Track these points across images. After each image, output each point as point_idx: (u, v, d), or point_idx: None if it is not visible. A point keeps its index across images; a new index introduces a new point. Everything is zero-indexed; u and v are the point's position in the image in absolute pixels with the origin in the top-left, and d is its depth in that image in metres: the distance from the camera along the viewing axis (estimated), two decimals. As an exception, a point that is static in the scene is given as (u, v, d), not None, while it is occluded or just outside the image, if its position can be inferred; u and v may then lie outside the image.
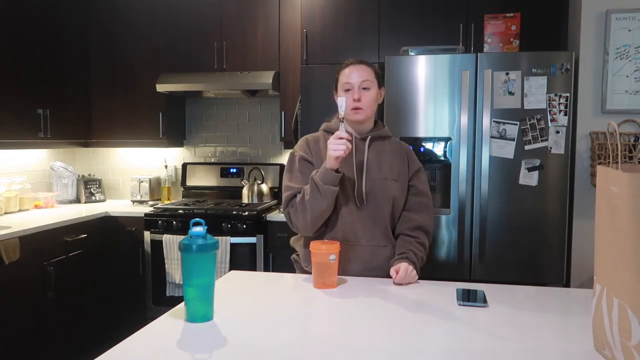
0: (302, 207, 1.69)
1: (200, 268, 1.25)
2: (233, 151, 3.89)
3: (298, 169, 1.79)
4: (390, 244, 1.78)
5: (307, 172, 1.75)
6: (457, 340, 1.18)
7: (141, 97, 3.60)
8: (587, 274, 2.62)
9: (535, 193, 2.61)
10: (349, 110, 1.74)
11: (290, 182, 1.79)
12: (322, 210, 1.68)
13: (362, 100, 1.74)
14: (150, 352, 1.10)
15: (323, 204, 1.66)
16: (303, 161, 1.79)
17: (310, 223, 1.71)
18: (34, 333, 2.74)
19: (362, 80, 1.74)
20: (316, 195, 1.65)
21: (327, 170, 1.64)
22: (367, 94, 1.75)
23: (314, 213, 1.68)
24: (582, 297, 1.53)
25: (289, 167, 1.82)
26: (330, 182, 1.64)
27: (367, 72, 1.77)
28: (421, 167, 1.87)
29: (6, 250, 2.50)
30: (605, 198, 1.02)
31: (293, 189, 1.76)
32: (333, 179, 1.63)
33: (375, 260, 1.76)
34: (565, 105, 2.56)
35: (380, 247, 1.77)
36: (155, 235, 3.24)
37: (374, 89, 1.77)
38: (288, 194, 1.77)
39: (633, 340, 0.94)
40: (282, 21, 3.41)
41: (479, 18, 2.91)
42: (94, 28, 3.65)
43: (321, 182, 1.64)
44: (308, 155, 1.80)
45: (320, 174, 1.65)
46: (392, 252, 1.77)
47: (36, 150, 3.64)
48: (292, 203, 1.75)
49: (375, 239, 1.76)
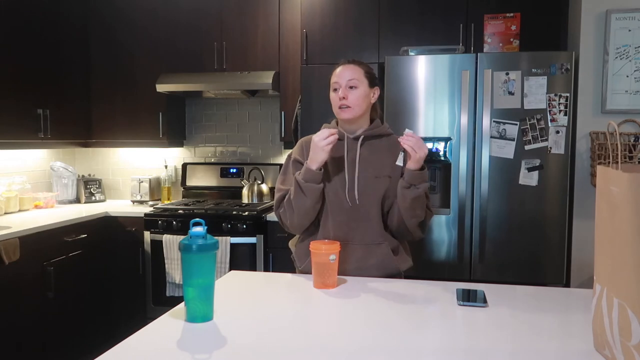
0: (289, 206, 1.75)
1: (200, 268, 1.25)
2: (233, 151, 3.89)
3: (291, 171, 1.82)
4: (386, 241, 1.78)
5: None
6: (457, 340, 1.18)
7: (141, 97, 3.60)
8: (587, 274, 2.62)
9: (535, 193, 2.61)
10: (336, 109, 1.77)
11: (282, 184, 1.83)
12: (307, 207, 1.72)
13: (348, 99, 1.74)
14: (150, 352, 1.10)
15: (306, 201, 1.70)
16: (297, 164, 1.82)
17: (297, 221, 1.76)
18: (34, 333, 2.74)
19: (348, 79, 1.75)
20: (299, 194, 1.70)
21: (307, 168, 1.69)
22: (353, 93, 1.75)
23: (299, 211, 1.73)
24: (582, 297, 1.53)
25: (283, 169, 1.87)
26: (311, 179, 1.68)
27: (355, 71, 1.77)
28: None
29: (6, 250, 2.50)
30: (605, 198, 1.02)
31: (284, 190, 1.80)
32: (313, 176, 1.68)
33: (369, 259, 1.76)
34: (565, 105, 2.56)
35: (374, 245, 1.77)
36: (155, 235, 3.24)
37: (362, 88, 1.77)
38: (278, 195, 1.82)
39: (633, 340, 0.94)
40: (282, 21, 3.41)
41: (478, 18, 2.91)
42: (94, 28, 3.66)
43: (302, 180, 1.69)
44: (302, 159, 1.82)
45: (302, 172, 1.71)
46: (388, 248, 1.77)
47: (36, 150, 3.64)
48: (282, 204, 1.79)
49: (369, 238, 1.77)
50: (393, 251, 1.78)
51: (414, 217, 1.73)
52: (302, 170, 1.71)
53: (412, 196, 1.68)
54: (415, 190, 1.68)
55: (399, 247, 1.82)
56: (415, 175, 1.67)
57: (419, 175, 1.68)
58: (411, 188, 1.68)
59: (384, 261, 1.76)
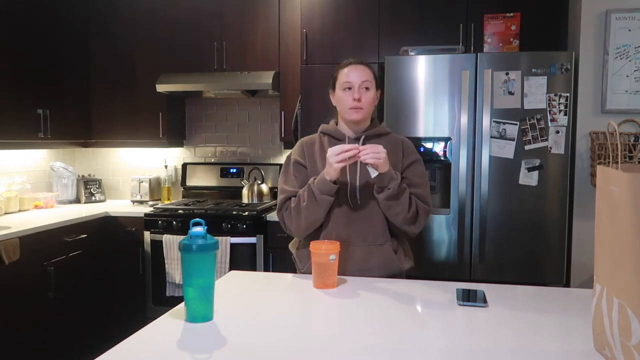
0: (297, 212, 1.73)
1: (200, 268, 1.25)
2: (233, 151, 3.89)
3: (292, 172, 1.82)
4: (388, 241, 1.78)
5: (300, 176, 1.80)
6: (457, 340, 1.18)
7: (141, 97, 3.60)
8: (587, 274, 2.62)
9: (535, 193, 2.61)
10: (347, 110, 1.76)
11: (285, 184, 1.82)
12: (317, 218, 1.73)
13: (362, 100, 1.74)
14: (150, 352, 1.10)
15: (319, 213, 1.71)
16: (297, 165, 1.82)
17: (304, 228, 1.76)
18: (34, 333, 2.74)
19: (362, 80, 1.75)
20: (312, 203, 1.69)
21: (325, 180, 1.66)
22: (367, 94, 1.76)
23: (309, 220, 1.73)
24: (582, 297, 1.53)
25: (284, 169, 1.86)
26: (327, 192, 1.67)
27: (367, 73, 1.78)
28: (418, 159, 1.85)
29: (6, 250, 2.50)
30: (605, 198, 1.02)
31: (287, 192, 1.79)
32: (330, 189, 1.67)
33: (371, 260, 1.76)
34: (565, 105, 2.56)
35: (376, 247, 1.77)
36: (155, 235, 3.24)
37: (373, 90, 1.79)
38: (282, 197, 1.80)
39: (633, 340, 0.94)
40: (282, 21, 3.41)
41: (478, 18, 2.91)
42: (94, 28, 3.65)
43: (318, 191, 1.67)
44: (302, 159, 1.82)
45: (318, 183, 1.68)
46: (390, 249, 1.77)
47: (36, 150, 3.64)
48: (286, 206, 1.78)
49: (371, 239, 1.77)
50: (395, 251, 1.78)
51: (397, 214, 1.72)
52: (318, 180, 1.69)
53: (385, 197, 1.68)
54: (387, 192, 1.68)
55: (400, 248, 1.82)
56: (382, 177, 1.66)
57: (386, 176, 1.66)
58: (384, 190, 1.68)
59: (386, 261, 1.76)
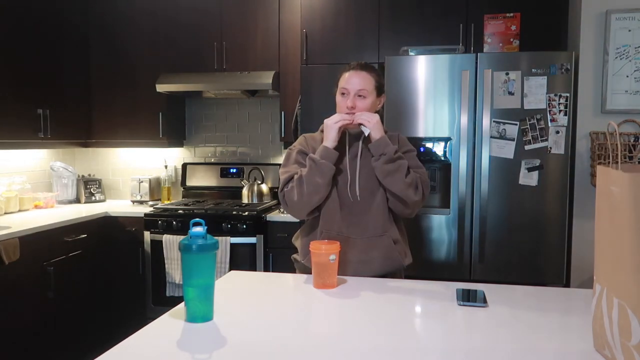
0: (299, 182, 1.74)
1: (200, 268, 1.25)
2: (233, 151, 3.89)
3: (295, 159, 1.83)
4: (387, 233, 1.79)
5: (303, 162, 1.80)
6: (457, 340, 1.18)
7: (141, 97, 3.60)
8: (587, 274, 2.62)
9: (535, 193, 2.61)
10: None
11: (286, 168, 1.83)
12: (318, 185, 1.71)
13: (355, 109, 1.76)
14: (150, 352, 1.10)
15: (319, 178, 1.71)
16: (300, 153, 1.83)
17: (306, 198, 1.73)
18: (34, 333, 2.74)
19: (358, 89, 1.76)
20: (313, 170, 1.71)
21: (324, 147, 1.72)
22: (362, 102, 1.77)
23: (310, 187, 1.71)
24: (582, 297, 1.53)
25: (285, 160, 1.87)
26: (326, 157, 1.71)
27: (366, 81, 1.77)
28: (412, 149, 1.87)
29: (6, 250, 2.50)
30: (605, 198, 1.02)
31: (289, 172, 1.80)
32: (329, 154, 1.71)
33: (373, 251, 1.78)
34: (565, 105, 2.56)
35: (376, 238, 1.78)
36: (155, 235, 3.24)
37: (370, 98, 1.78)
38: (285, 177, 1.80)
39: (633, 340, 0.94)
40: (282, 21, 3.41)
41: (478, 18, 2.91)
42: (94, 28, 3.65)
43: (318, 157, 1.71)
44: (305, 149, 1.84)
45: (318, 151, 1.74)
46: (390, 240, 1.78)
47: (36, 150, 3.64)
48: (288, 184, 1.78)
49: (371, 231, 1.78)
50: (395, 242, 1.80)
51: (396, 181, 1.72)
52: (318, 150, 1.74)
53: (383, 162, 1.71)
54: (384, 157, 1.71)
55: (399, 240, 1.84)
56: (378, 144, 1.71)
57: (381, 142, 1.71)
58: (382, 157, 1.71)
59: (387, 252, 1.78)
